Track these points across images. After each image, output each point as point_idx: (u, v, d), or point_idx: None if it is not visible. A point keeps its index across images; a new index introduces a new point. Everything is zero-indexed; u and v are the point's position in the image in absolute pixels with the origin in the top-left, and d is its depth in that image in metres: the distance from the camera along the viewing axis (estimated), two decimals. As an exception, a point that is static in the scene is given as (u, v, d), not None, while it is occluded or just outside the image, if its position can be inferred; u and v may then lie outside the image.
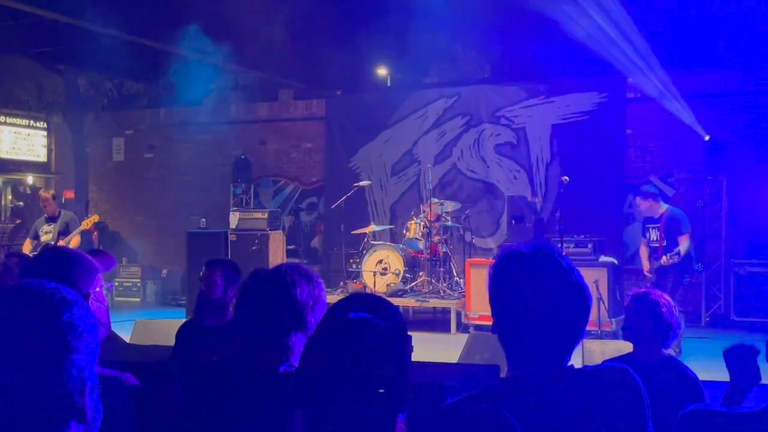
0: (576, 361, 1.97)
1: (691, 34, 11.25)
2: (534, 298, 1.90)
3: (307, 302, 2.44)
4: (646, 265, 9.09)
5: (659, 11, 11.10)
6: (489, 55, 13.52)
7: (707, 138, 11.51)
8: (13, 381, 1.35)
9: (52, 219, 10.19)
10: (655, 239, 8.94)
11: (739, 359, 3.32)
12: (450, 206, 12.00)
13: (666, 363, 3.83)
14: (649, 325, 3.79)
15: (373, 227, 12.25)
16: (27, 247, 10.08)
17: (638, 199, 9.23)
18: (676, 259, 8.59)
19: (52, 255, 2.70)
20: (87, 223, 10.24)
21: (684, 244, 8.68)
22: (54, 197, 10.49)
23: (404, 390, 1.69)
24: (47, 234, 10.03)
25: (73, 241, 9.97)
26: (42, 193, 10.68)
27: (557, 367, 1.92)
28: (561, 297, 1.92)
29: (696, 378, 3.83)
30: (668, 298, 3.92)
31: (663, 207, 9.03)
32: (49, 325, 1.38)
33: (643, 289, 3.98)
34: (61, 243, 9.65)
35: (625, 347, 7.29)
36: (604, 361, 4.16)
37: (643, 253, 9.17)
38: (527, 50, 12.15)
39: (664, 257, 8.64)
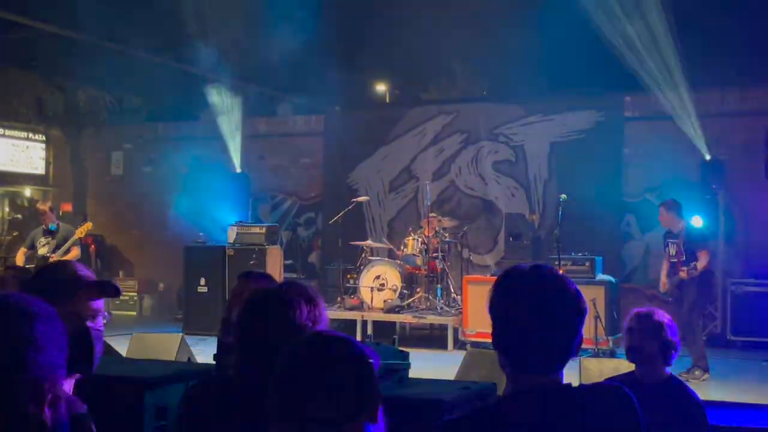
0: (573, 379, 1.98)
1: (690, 53, 11.29)
2: (535, 315, 1.93)
3: (306, 324, 2.43)
4: (663, 281, 9.13)
5: (659, 29, 11.14)
6: (487, 73, 13.57)
7: (704, 157, 11.55)
8: None
9: (49, 231, 10.14)
10: (674, 254, 8.95)
11: None
12: (447, 222, 12.00)
13: (668, 383, 3.80)
14: (653, 346, 3.76)
15: (370, 242, 12.26)
16: (20, 257, 10.02)
17: (662, 210, 9.24)
18: (694, 273, 8.61)
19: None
20: (81, 231, 10.19)
21: (703, 260, 8.72)
22: (51, 209, 10.45)
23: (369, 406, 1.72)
24: (44, 246, 9.98)
25: (72, 254, 9.93)
26: (39, 205, 10.65)
27: (552, 384, 1.94)
28: (558, 314, 1.94)
29: (698, 398, 3.81)
30: (669, 317, 3.88)
31: (683, 222, 9.11)
32: (5, 339, 1.36)
33: (646, 310, 3.95)
34: (54, 257, 9.59)
35: (623, 365, 7.28)
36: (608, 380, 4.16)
37: (664, 269, 9.19)
38: (526, 68, 12.20)
39: (682, 270, 8.65)
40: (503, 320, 1.99)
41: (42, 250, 9.88)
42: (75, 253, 10.01)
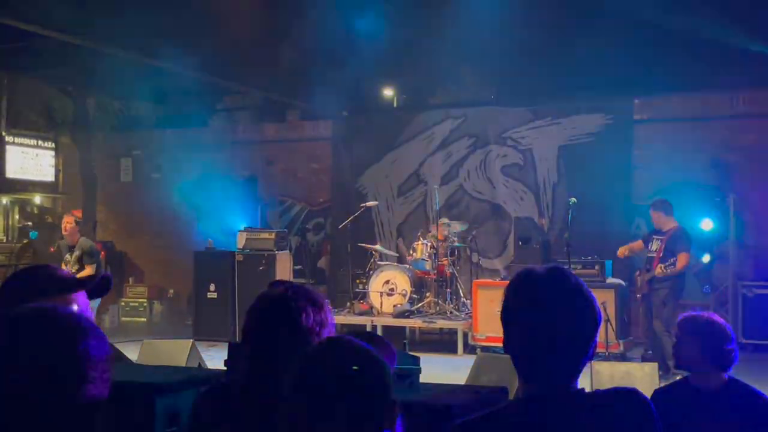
0: (584, 383, 1.96)
1: (699, 56, 11.27)
2: (547, 318, 1.91)
3: (314, 329, 2.42)
4: (626, 248, 9.53)
5: (666, 33, 11.14)
6: (495, 77, 13.55)
7: (714, 159, 11.55)
8: (26, 408, 1.33)
9: (71, 247, 10.00)
10: (654, 249, 9.05)
11: None
12: (457, 226, 12.01)
13: (727, 388, 3.60)
14: (694, 350, 3.59)
15: (379, 246, 12.26)
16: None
17: (651, 210, 9.43)
18: (669, 271, 8.67)
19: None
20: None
21: (681, 261, 8.77)
22: (77, 222, 10.28)
23: (385, 411, 1.69)
24: (68, 264, 9.88)
25: (86, 272, 9.76)
26: (65, 218, 10.44)
27: (566, 389, 1.92)
28: (573, 319, 1.92)
29: (765, 397, 3.57)
30: (720, 319, 3.69)
31: (672, 222, 9.18)
32: (65, 355, 1.36)
33: (691, 314, 3.83)
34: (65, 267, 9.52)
35: (635, 369, 7.26)
36: (658, 388, 4.02)
37: (636, 245, 9.51)
38: (534, 72, 12.19)
39: (658, 267, 8.73)
40: (516, 324, 1.96)
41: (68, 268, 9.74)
42: (88, 271, 9.81)
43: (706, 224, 11.21)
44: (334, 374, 1.67)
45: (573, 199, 9.79)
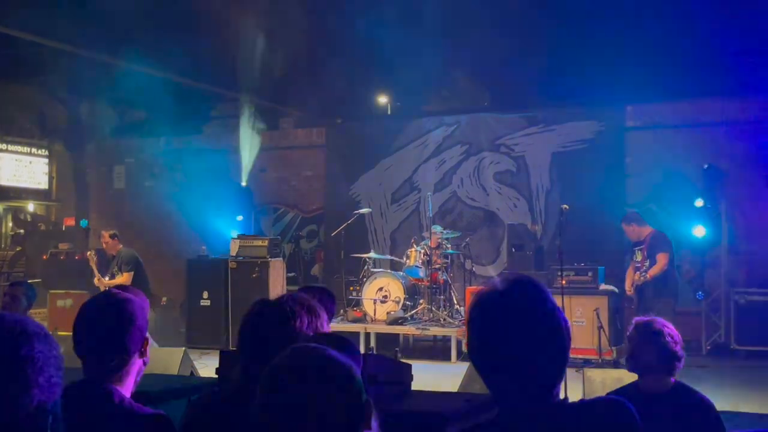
0: (576, 390, 1.96)
1: (691, 64, 11.32)
2: (506, 338, 1.87)
3: (308, 334, 2.43)
4: (628, 284, 9.45)
5: (660, 40, 11.19)
6: (489, 84, 13.59)
7: (705, 166, 11.58)
8: None
9: (113, 257, 10.48)
10: (639, 260, 9.19)
11: None
12: (449, 233, 12.01)
13: (675, 391, 3.74)
14: (650, 354, 3.71)
15: (372, 253, 12.25)
16: (103, 282, 10.18)
17: (623, 225, 9.61)
18: (644, 277, 8.96)
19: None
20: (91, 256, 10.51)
21: (660, 262, 8.90)
22: (111, 236, 10.61)
23: (358, 412, 1.67)
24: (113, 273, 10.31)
25: (120, 279, 10.13)
26: (103, 235, 10.81)
27: (544, 402, 1.88)
28: (534, 334, 1.87)
29: (708, 401, 3.73)
30: (671, 326, 3.82)
31: (647, 229, 9.39)
32: (7, 360, 1.36)
33: (646, 318, 3.93)
34: (105, 282, 9.90)
35: (626, 376, 7.26)
36: (608, 393, 4.12)
37: (629, 273, 9.52)
38: (527, 79, 12.22)
39: (636, 275, 9.03)
40: (478, 346, 1.93)
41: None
42: (122, 278, 10.18)
43: (698, 231, 11.25)
44: (301, 381, 1.64)
45: (565, 206, 9.81)
